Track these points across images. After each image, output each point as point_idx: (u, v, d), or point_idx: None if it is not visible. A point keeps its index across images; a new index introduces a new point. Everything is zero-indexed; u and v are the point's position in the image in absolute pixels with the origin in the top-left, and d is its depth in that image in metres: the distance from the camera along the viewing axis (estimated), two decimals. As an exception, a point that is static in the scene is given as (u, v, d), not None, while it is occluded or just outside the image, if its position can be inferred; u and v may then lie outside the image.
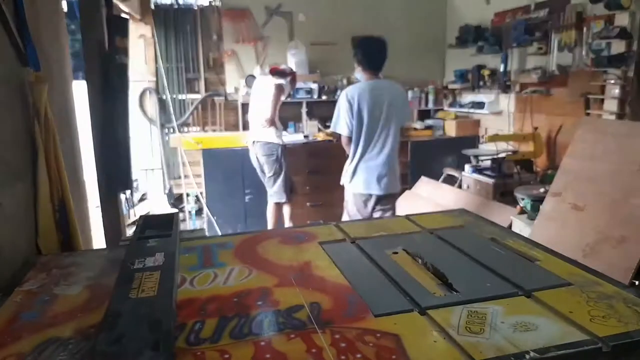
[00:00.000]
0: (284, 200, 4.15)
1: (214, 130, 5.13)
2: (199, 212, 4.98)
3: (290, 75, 4.24)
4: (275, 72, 4.26)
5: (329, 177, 4.73)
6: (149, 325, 0.97)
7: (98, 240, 2.42)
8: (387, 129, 3.10)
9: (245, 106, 4.89)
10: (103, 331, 0.96)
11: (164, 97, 5.08)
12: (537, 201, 3.07)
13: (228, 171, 4.49)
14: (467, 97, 5.22)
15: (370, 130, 3.08)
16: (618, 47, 3.23)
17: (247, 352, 0.96)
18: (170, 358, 0.90)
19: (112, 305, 1.06)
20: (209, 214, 4.52)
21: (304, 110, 5.06)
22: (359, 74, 3.17)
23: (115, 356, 0.89)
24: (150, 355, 0.88)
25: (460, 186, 4.41)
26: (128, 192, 2.30)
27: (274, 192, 4.13)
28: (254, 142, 4.14)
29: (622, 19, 3.20)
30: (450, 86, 5.44)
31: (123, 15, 3.75)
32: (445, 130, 5.19)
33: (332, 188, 4.78)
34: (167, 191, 5.10)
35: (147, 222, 1.64)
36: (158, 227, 1.61)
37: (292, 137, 4.84)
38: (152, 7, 4.87)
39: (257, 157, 4.16)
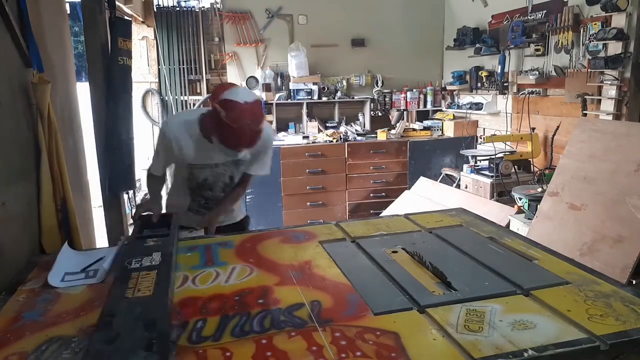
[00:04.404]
0: None
1: (215, 131, 5.14)
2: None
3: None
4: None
5: (329, 177, 4.75)
6: (143, 325, 0.97)
7: (101, 239, 2.43)
8: None
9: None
10: (98, 331, 0.97)
11: (166, 98, 5.09)
12: (535, 201, 3.08)
13: (228, 171, 4.51)
14: (465, 98, 5.23)
15: None
16: (615, 48, 3.23)
17: (249, 350, 0.97)
18: (163, 358, 0.89)
19: (107, 305, 1.07)
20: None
21: (304, 111, 5.06)
22: None
23: (109, 356, 0.89)
24: (143, 355, 0.88)
25: (458, 186, 4.42)
26: (131, 191, 2.30)
27: None
28: None
29: (618, 21, 3.20)
30: (449, 87, 5.45)
31: (126, 17, 3.75)
32: (444, 131, 5.19)
33: (332, 188, 4.81)
34: (169, 191, 5.10)
35: (146, 222, 1.64)
36: (156, 227, 1.62)
37: (292, 138, 4.87)
38: (155, 9, 4.87)
39: None
